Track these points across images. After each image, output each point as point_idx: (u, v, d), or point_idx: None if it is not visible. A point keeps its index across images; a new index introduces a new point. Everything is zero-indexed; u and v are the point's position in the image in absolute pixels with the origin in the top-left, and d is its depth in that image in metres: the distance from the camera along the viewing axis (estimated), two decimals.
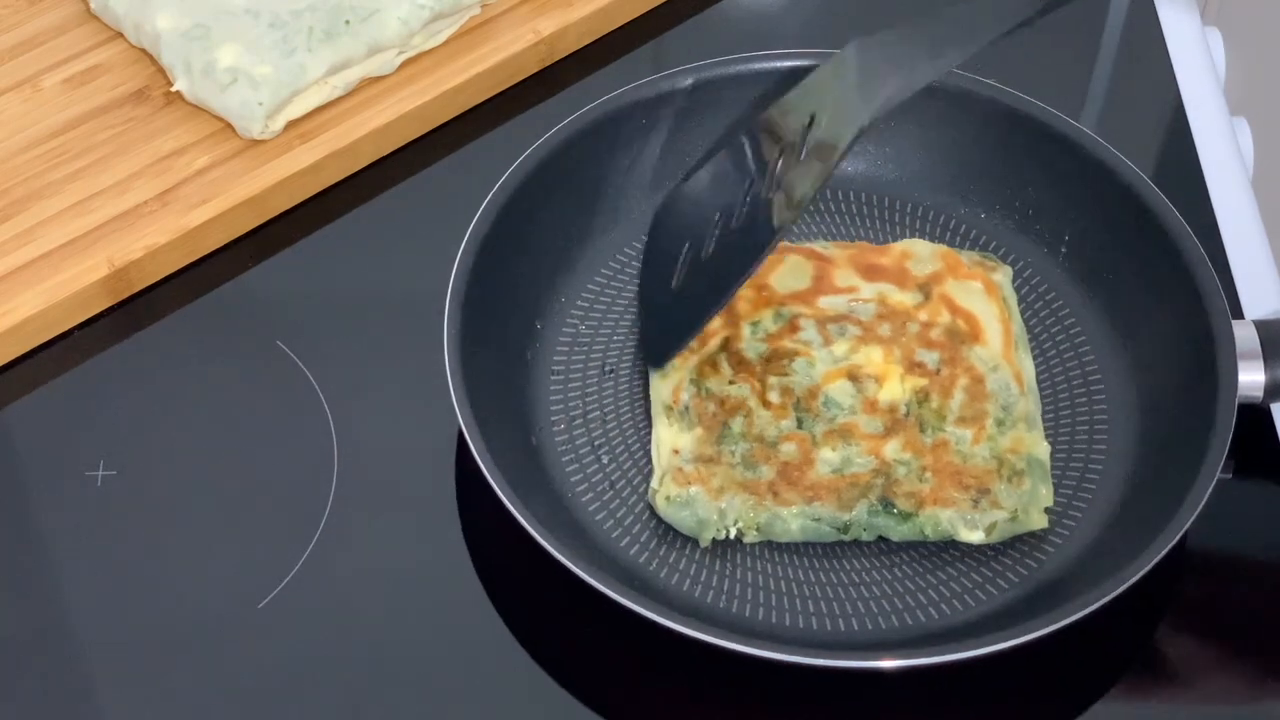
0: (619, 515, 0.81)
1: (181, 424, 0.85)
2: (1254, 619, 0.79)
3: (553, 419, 0.84)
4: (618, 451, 0.83)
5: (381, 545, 0.81)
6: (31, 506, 0.82)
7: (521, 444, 0.82)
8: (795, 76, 0.92)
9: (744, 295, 0.85)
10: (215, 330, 0.89)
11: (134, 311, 0.89)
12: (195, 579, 0.80)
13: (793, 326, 0.85)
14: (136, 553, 0.80)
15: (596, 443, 0.83)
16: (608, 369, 0.86)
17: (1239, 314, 0.88)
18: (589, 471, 0.82)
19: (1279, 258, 0.93)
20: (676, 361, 0.83)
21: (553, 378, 0.85)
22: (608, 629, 0.76)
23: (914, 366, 0.83)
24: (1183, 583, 0.79)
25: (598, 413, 0.84)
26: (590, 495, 0.81)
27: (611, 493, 0.82)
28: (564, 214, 0.89)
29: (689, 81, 0.92)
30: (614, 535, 0.80)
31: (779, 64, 0.93)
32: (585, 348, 0.86)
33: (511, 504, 0.75)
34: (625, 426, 0.84)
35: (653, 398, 0.83)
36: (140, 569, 0.80)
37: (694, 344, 0.84)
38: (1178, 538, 0.75)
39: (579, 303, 0.88)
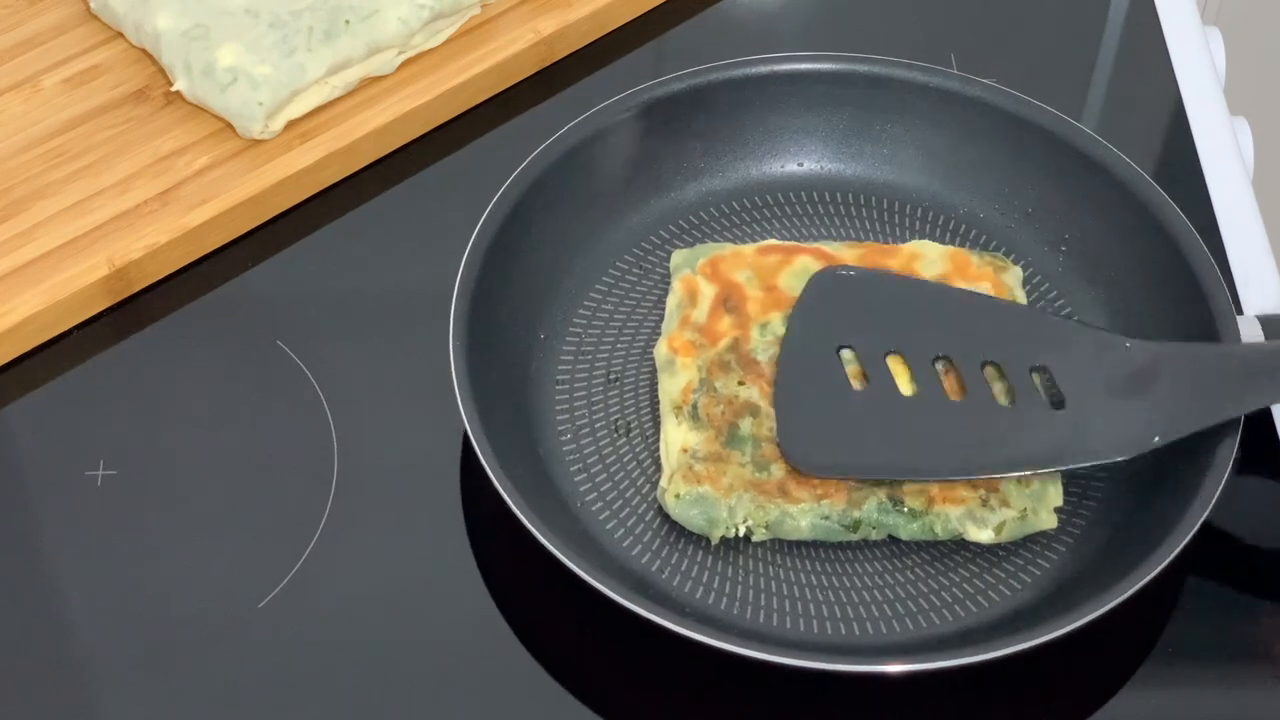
0: (629, 523, 0.81)
1: (181, 424, 0.85)
2: (1259, 615, 0.79)
3: (559, 429, 0.84)
4: (625, 459, 0.83)
5: (381, 545, 0.81)
6: (31, 506, 0.82)
7: (529, 455, 0.82)
8: (797, 80, 0.93)
9: (754, 296, 0.85)
10: (215, 330, 0.89)
11: (134, 311, 0.89)
12: (195, 579, 0.79)
13: None
14: (136, 553, 0.80)
15: (604, 451, 0.83)
16: (612, 378, 0.86)
17: (1240, 313, 0.88)
18: (597, 480, 0.82)
19: (1279, 257, 0.93)
20: (686, 360, 0.83)
21: (558, 388, 0.85)
22: (616, 634, 0.76)
23: None
24: (1187, 580, 0.79)
25: (604, 421, 0.84)
26: (600, 504, 0.81)
27: (621, 501, 0.81)
28: (563, 223, 0.89)
29: (688, 86, 0.92)
30: (625, 544, 0.80)
31: (780, 67, 0.93)
32: (589, 357, 0.86)
33: (527, 519, 0.75)
34: (632, 434, 0.84)
35: (662, 398, 0.83)
36: (140, 569, 0.80)
37: (704, 342, 0.84)
38: (1188, 538, 0.75)
39: (581, 312, 0.88)
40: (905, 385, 0.82)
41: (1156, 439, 0.78)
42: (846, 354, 0.83)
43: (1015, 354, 0.81)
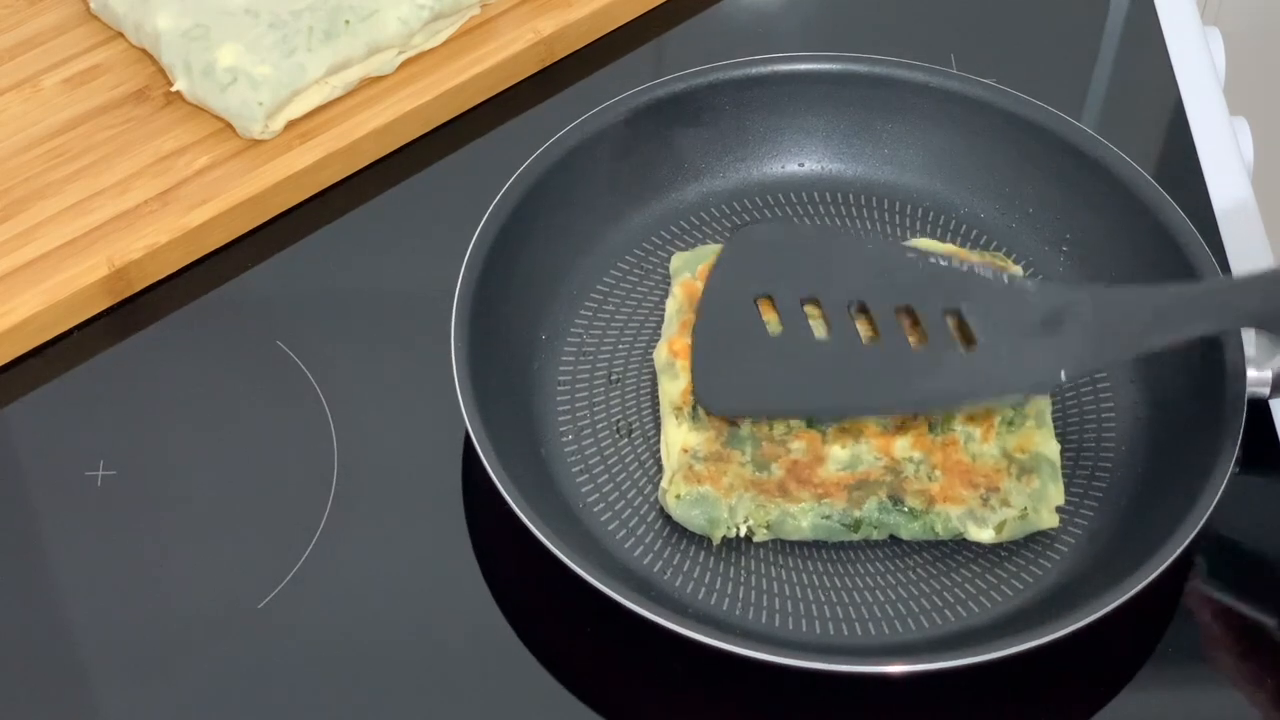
0: (631, 524, 0.81)
1: (181, 424, 0.85)
2: (1261, 612, 0.79)
3: (560, 429, 0.84)
4: (626, 459, 0.83)
5: (382, 545, 0.81)
6: (31, 506, 0.82)
7: (531, 455, 0.82)
8: (797, 80, 0.93)
9: None
10: (215, 330, 0.89)
11: (134, 311, 0.89)
12: (195, 579, 0.79)
13: None
14: (136, 553, 0.80)
15: (605, 451, 0.83)
16: (614, 378, 0.86)
17: None
18: (599, 481, 0.82)
19: (1279, 257, 0.93)
20: (685, 364, 0.83)
21: (559, 389, 0.85)
22: (618, 635, 0.76)
23: None
24: (1188, 580, 0.79)
25: (605, 422, 0.84)
26: (601, 505, 0.81)
27: (623, 502, 0.81)
28: (564, 224, 0.89)
29: (688, 86, 0.92)
30: (627, 545, 0.80)
31: (780, 67, 0.93)
32: (590, 358, 0.86)
33: (528, 519, 0.75)
34: (634, 435, 0.84)
35: (662, 399, 0.83)
36: (140, 569, 0.80)
37: None
38: (1190, 539, 0.75)
39: (582, 313, 0.88)
40: (821, 331, 0.82)
41: (1063, 375, 0.78)
42: (764, 304, 0.83)
43: (929, 299, 0.81)
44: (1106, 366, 0.83)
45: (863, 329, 0.82)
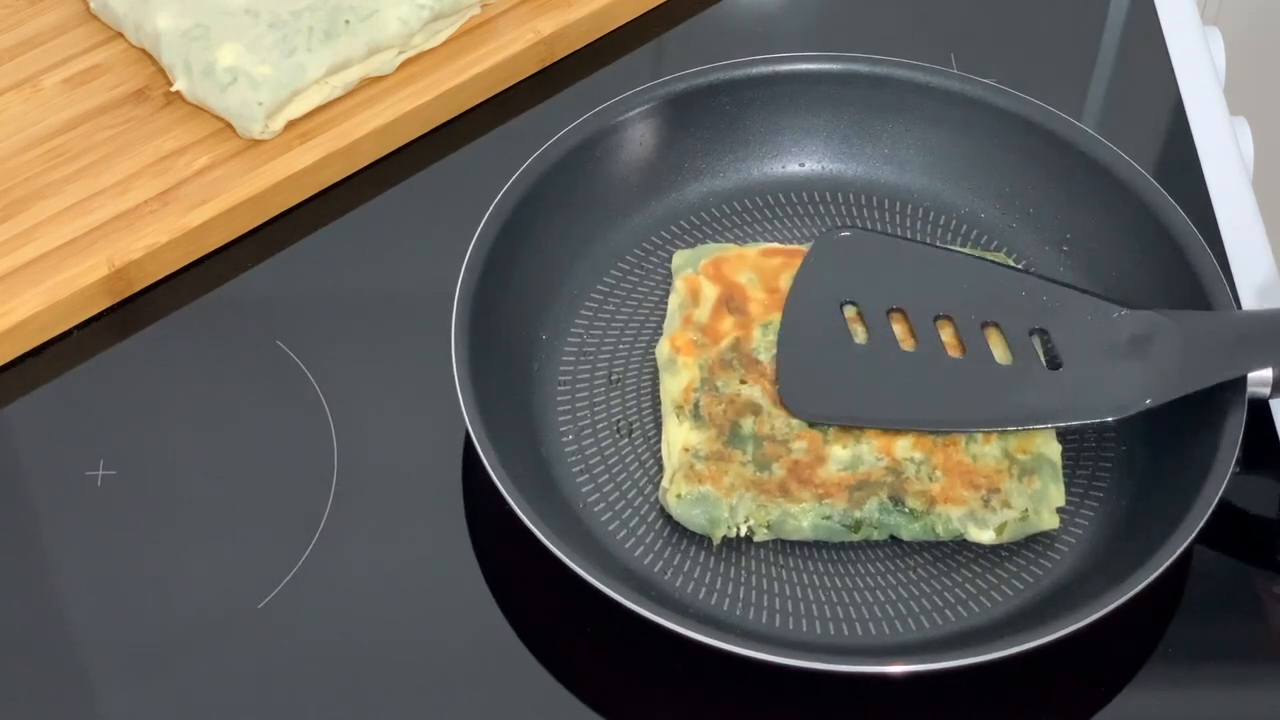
0: (631, 524, 0.81)
1: (181, 424, 0.85)
2: (1260, 615, 0.79)
3: (561, 429, 0.84)
4: (627, 460, 0.83)
5: (382, 545, 0.81)
6: (31, 506, 0.82)
7: (531, 455, 0.82)
8: (798, 80, 0.93)
9: (756, 298, 0.85)
10: (215, 330, 0.89)
11: (134, 311, 0.89)
12: (195, 579, 0.79)
13: None
14: (136, 553, 0.80)
15: (606, 451, 0.83)
16: (614, 379, 0.86)
17: None
18: (599, 481, 0.82)
19: (1279, 257, 0.93)
20: (687, 360, 0.83)
21: (559, 389, 0.85)
22: (618, 634, 0.76)
23: None
24: (1188, 581, 0.79)
25: (605, 422, 0.84)
26: (602, 505, 0.81)
27: (623, 502, 0.81)
28: (565, 223, 0.89)
29: (689, 86, 0.92)
30: (627, 545, 0.80)
31: (781, 68, 0.93)
32: (591, 358, 0.86)
33: (529, 519, 0.75)
34: (634, 435, 0.84)
35: (663, 398, 0.83)
36: (140, 569, 0.80)
37: (706, 341, 0.84)
38: (1190, 539, 0.75)
39: (582, 313, 0.88)
40: (907, 342, 0.83)
41: (1148, 401, 0.79)
42: (849, 310, 0.84)
43: (1015, 316, 0.83)
44: (1189, 391, 0.79)
45: (947, 341, 0.82)
